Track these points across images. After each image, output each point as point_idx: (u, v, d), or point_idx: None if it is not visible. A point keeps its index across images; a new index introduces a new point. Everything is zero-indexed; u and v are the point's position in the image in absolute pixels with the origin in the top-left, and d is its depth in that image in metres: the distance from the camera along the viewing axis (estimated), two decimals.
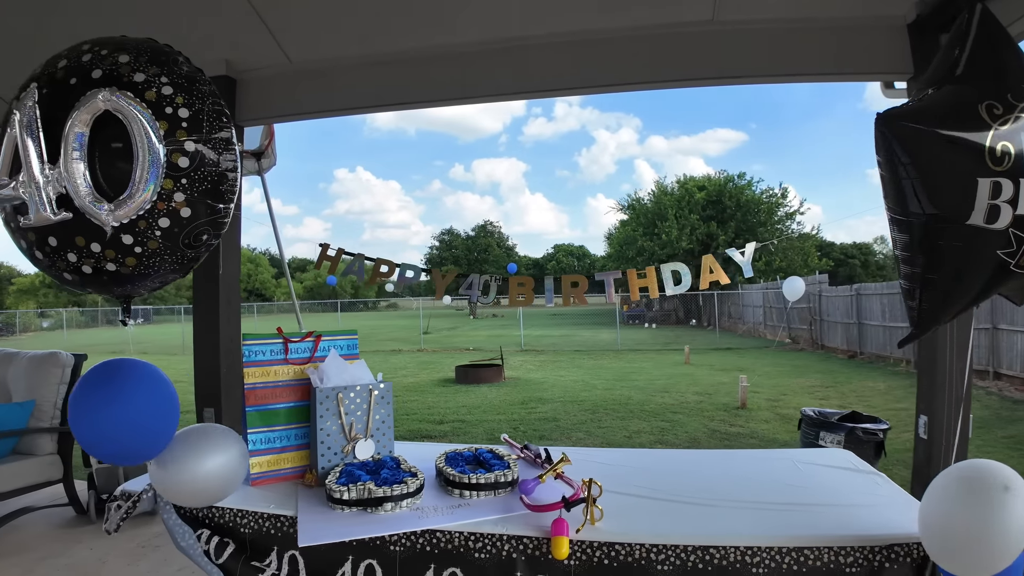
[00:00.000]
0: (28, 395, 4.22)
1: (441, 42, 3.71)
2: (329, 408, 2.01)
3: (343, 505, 1.77)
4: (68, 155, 1.51)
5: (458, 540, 1.70)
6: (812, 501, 1.89)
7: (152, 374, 1.80)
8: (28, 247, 1.65)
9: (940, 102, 1.57)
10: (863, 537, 1.64)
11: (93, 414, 1.66)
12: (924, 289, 1.63)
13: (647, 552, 1.62)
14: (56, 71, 1.59)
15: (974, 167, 1.49)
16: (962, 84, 1.56)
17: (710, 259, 3.04)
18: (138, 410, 1.70)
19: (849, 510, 1.82)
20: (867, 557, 1.62)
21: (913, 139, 1.53)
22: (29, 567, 3.55)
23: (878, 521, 1.71)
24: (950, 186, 1.52)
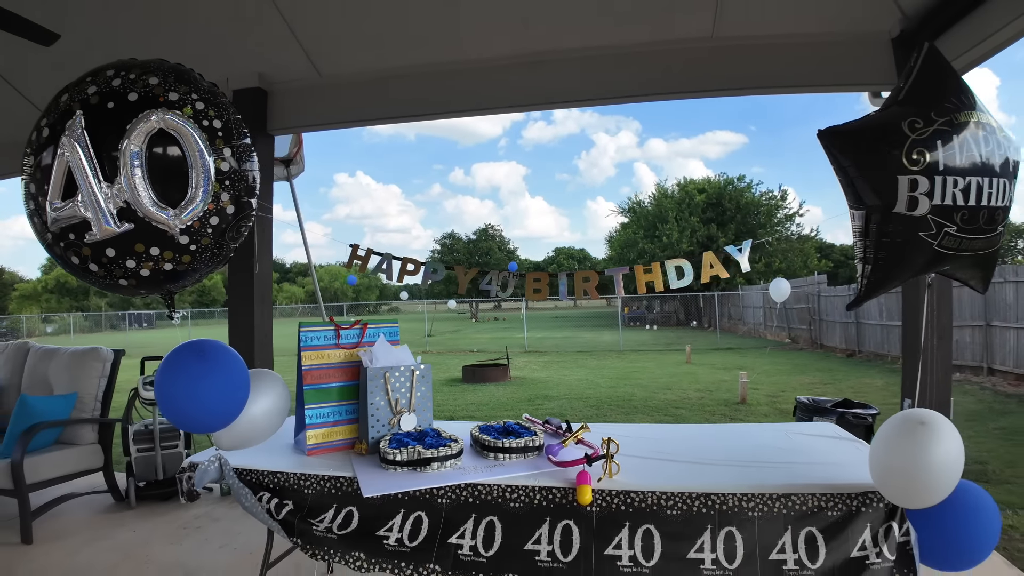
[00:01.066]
0: (70, 388, 4.49)
1: (463, 57, 4.02)
2: (378, 386, 2.30)
3: (396, 465, 2.06)
4: (129, 171, 1.75)
5: (496, 493, 1.99)
6: (800, 460, 2.18)
7: (231, 353, 2.09)
8: (81, 262, 1.86)
9: (873, 119, 1.96)
10: (843, 486, 1.93)
11: (188, 385, 1.94)
12: (870, 265, 2.00)
13: (658, 499, 1.91)
14: (90, 97, 1.80)
15: (895, 167, 1.86)
16: (900, 106, 1.92)
17: (710, 255, 3.32)
18: (224, 383, 1.99)
19: (832, 467, 2.11)
20: (845, 503, 1.91)
21: (848, 148, 1.93)
22: (76, 548, 3.81)
23: (856, 475, 2.00)
24: (878, 183, 1.90)
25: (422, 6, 3.73)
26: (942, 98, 1.90)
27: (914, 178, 1.84)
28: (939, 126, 1.85)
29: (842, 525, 1.90)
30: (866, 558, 1.83)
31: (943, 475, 1.72)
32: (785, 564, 1.82)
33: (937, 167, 1.83)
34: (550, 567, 1.88)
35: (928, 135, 1.84)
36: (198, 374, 1.94)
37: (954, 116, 1.86)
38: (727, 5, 3.57)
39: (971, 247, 1.94)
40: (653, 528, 1.89)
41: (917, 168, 1.83)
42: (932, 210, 1.86)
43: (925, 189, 1.84)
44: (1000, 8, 3.09)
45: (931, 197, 1.85)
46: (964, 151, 1.85)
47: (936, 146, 1.84)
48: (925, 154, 1.83)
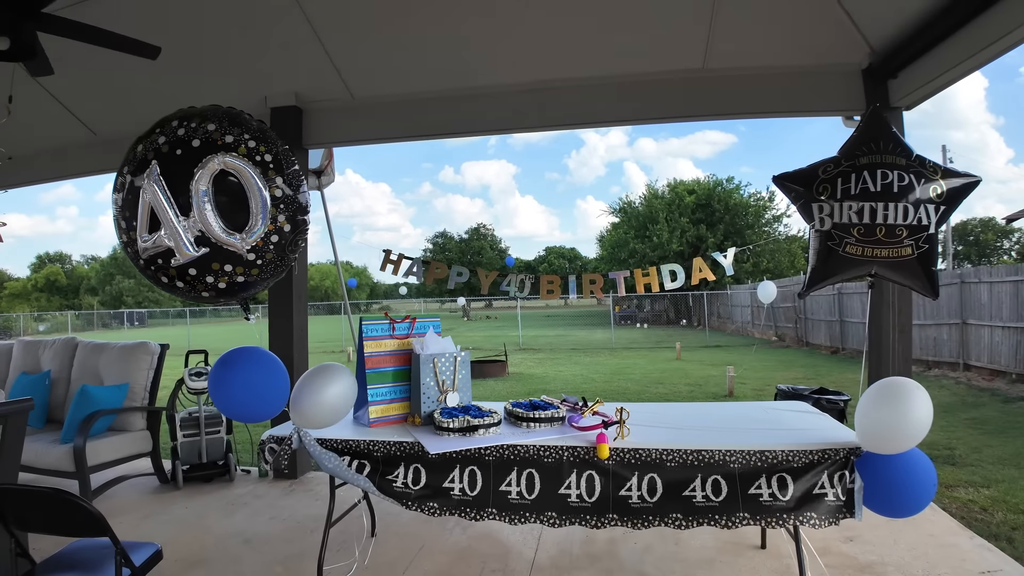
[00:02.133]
0: (121, 379, 4.95)
1: (479, 83, 4.53)
2: (428, 369, 2.81)
3: (449, 432, 2.58)
4: (200, 206, 2.23)
5: (532, 451, 2.52)
6: (774, 427, 2.72)
7: (267, 356, 2.62)
8: (169, 280, 2.33)
9: (807, 168, 2.78)
10: (807, 444, 2.46)
11: (235, 385, 2.47)
12: (807, 264, 2.79)
13: (660, 454, 2.44)
14: (160, 147, 2.25)
15: (810, 198, 2.68)
16: (836, 157, 2.71)
17: (699, 260, 3.85)
18: (264, 380, 2.53)
19: (800, 432, 2.65)
20: (808, 457, 2.44)
21: (783, 187, 2.81)
22: (136, 523, 4.25)
23: (819, 438, 2.53)
24: (804, 209, 2.72)
25: (443, 41, 4.24)
26: (858, 147, 2.68)
27: (820, 204, 2.66)
28: (844, 168, 2.66)
29: (806, 470, 2.43)
30: (824, 495, 2.37)
31: (919, 428, 2.26)
32: (761, 497, 2.36)
33: (836, 195, 2.64)
34: (579, 506, 2.42)
35: (832, 175, 2.66)
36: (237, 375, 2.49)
37: (857, 160, 2.61)
38: (716, 40, 4.08)
39: (877, 255, 2.65)
40: (656, 476, 2.42)
41: (824, 197, 2.65)
42: (833, 226, 2.66)
43: (828, 211, 2.65)
44: (955, 49, 3.60)
45: (832, 217, 2.65)
46: (858, 184, 2.61)
47: (837, 183, 2.64)
48: (828, 188, 2.66)
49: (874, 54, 4.18)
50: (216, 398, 2.56)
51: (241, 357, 2.57)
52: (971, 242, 50.01)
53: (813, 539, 3.28)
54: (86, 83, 4.80)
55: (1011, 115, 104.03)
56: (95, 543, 2.43)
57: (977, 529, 3.69)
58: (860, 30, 4.00)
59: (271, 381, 2.60)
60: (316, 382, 2.53)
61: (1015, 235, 47.77)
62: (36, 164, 5.95)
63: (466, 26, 4.12)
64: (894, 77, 4.20)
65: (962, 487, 4.74)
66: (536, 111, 4.52)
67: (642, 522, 2.39)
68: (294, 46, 4.36)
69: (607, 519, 2.40)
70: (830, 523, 2.36)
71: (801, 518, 2.35)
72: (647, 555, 3.28)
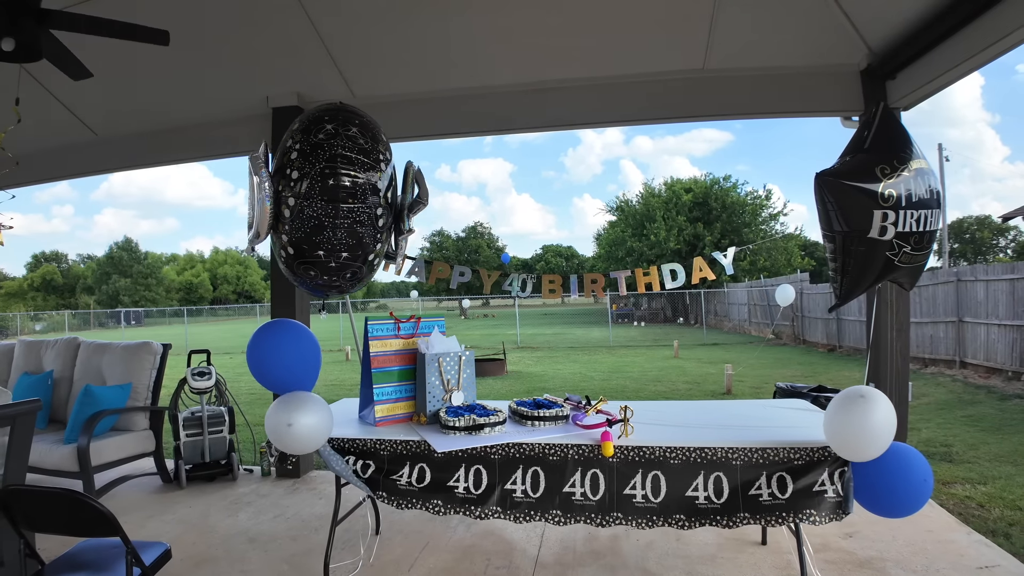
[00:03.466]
0: (123, 379, 4.96)
1: (479, 84, 4.55)
2: (434, 368, 2.84)
3: (455, 431, 2.61)
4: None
5: (537, 449, 2.55)
6: (776, 425, 2.75)
7: (304, 329, 2.66)
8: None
9: (853, 165, 2.50)
10: (807, 442, 2.49)
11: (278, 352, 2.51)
12: (843, 276, 2.52)
13: (664, 452, 2.47)
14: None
15: (870, 203, 2.42)
16: (868, 153, 2.47)
17: (699, 260, 3.88)
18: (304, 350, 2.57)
19: (800, 430, 2.68)
20: (808, 454, 2.47)
21: (836, 187, 2.49)
22: (142, 522, 4.27)
23: (819, 436, 2.56)
24: (857, 214, 2.46)
25: (444, 41, 4.26)
26: (899, 149, 2.50)
27: (885, 212, 2.44)
28: (902, 171, 2.44)
29: (806, 469, 2.47)
30: (825, 492, 2.41)
31: (882, 434, 2.28)
32: (761, 497, 2.39)
33: (900, 203, 2.43)
34: (583, 504, 2.45)
35: (894, 178, 2.44)
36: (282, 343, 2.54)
37: (908, 165, 2.46)
38: (716, 42, 4.12)
39: (914, 261, 2.56)
40: (660, 473, 2.46)
41: (888, 204, 2.43)
42: (896, 236, 2.47)
43: (892, 220, 2.44)
44: (952, 51, 3.64)
45: (896, 226, 2.45)
46: (916, 191, 2.45)
47: (900, 187, 2.44)
48: (893, 193, 2.43)
49: (873, 55, 4.21)
50: (252, 362, 2.61)
51: (283, 328, 2.62)
52: (967, 240, 50.16)
53: (812, 535, 3.32)
54: (87, 83, 4.80)
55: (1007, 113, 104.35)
56: (104, 543, 2.45)
57: (975, 525, 3.73)
58: (859, 31, 4.03)
59: (306, 359, 2.65)
60: (283, 414, 2.55)
61: (1011, 233, 47.94)
62: (36, 164, 5.96)
63: (468, 26, 4.14)
64: (893, 78, 4.23)
65: (959, 484, 4.78)
66: (537, 111, 4.55)
67: (646, 522, 2.42)
68: (296, 45, 4.38)
69: (612, 518, 2.44)
70: (831, 519, 2.40)
71: (802, 515, 2.39)
72: (649, 551, 3.32)
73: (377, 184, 2.42)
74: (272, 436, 2.51)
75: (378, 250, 2.50)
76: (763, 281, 22.91)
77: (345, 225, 2.33)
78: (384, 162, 2.49)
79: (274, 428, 2.48)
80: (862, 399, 2.28)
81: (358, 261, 2.42)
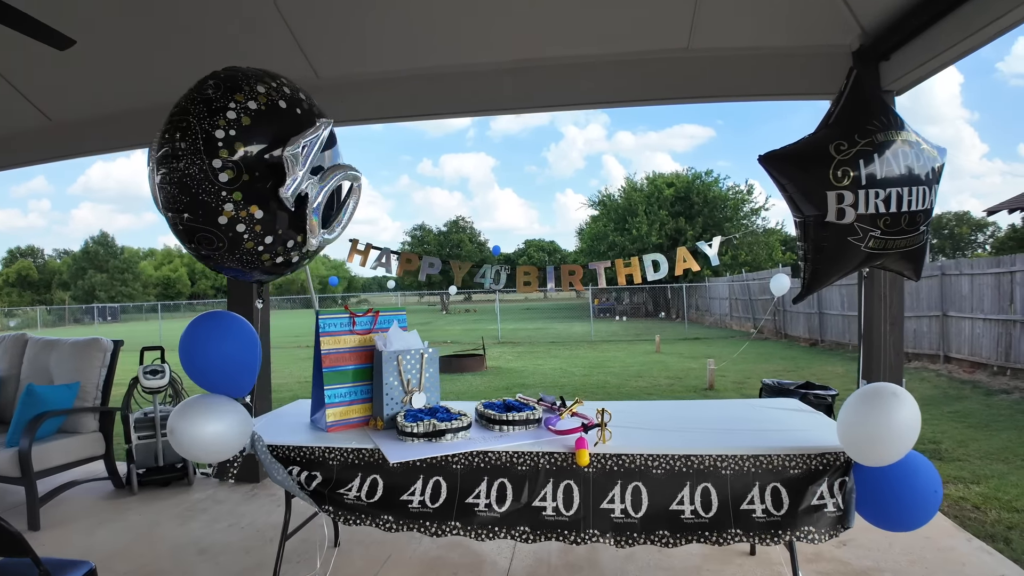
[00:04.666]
0: (71, 378, 4.64)
1: (454, 62, 4.27)
2: (392, 367, 2.57)
3: (413, 437, 2.34)
4: None
5: (504, 458, 2.28)
6: (768, 428, 2.51)
7: (242, 323, 2.38)
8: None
9: (806, 143, 2.31)
10: (804, 448, 2.25)
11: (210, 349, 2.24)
12: (807, 265, 2.36)
13: (645, 460, 2.21)
14: None
15: (820, 184, 2.22)
16: (829, 129, 2.26)
17: (683, 251, 3.63)
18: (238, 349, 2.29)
19: (795, 433, 2.44)
20: (806, 462, 2.23)
21: (785, 169, 2.30)
22: (90, 530, 3.97)
23: (815, 440, 2.33)
24: (812, 197, 2.26)
25: (413, 17, 3.97)
26: (864, 121, 2.25)
27: (840, 192, 2.20)
28: (862, 147, 2.21)
29: (804, 480, 2.23)
30: (824, 506, 2.17)
31: (907, 436, 2.04)
32: (754, 513, 2.15)
33: (860, 181, 2.19)
34: (555, 520, 2.18)
35: (852, 155, 2.20)
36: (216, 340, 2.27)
37: (875, 136, 2.21)
38: (701, 20, 3.87)
39: (896, 246, 2.30)
40: (641, 485, 2.20)
41: (843, 184, 2.19)
42: (858, 219, 2.22)
43: (850, 201, 2.20)
44: (948, 31, 3.42)
45: (856, 208, 2.21)
46: (884, 167, 2.20)
47: (859, 164, 2.19)
48: (849, 172, 2.19)
49: (865, 35, 3.99)
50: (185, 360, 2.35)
51: (216, 322, 2.34)
52: (945, 235, 50.63)
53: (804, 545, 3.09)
54: (40, 64, 4.47)
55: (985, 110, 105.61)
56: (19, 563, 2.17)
57: (973, 529, 3.54)
58: (851, 9, 3.80)
59: (243, 356, 2.38)
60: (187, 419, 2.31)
61: (989, 229, 48.43)
62: None
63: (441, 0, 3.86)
64: (886, 59, 4.01)
65: (952, 483, 4.60)
66: (515, 92, 4.27)
67: (626, 539, 2.16)
68: (253, 22, 4.08)
69: (587, 535, 2.17)
70: (830, 535, 2.15)
71: (799, 533, 2.14)
72: (629, 564, 3.08)
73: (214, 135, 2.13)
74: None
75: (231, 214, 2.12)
76: (745, 275, 22.81)
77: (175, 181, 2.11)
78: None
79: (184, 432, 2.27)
80: (894, 397, 2.04)
81: (208, 225, 2.10)
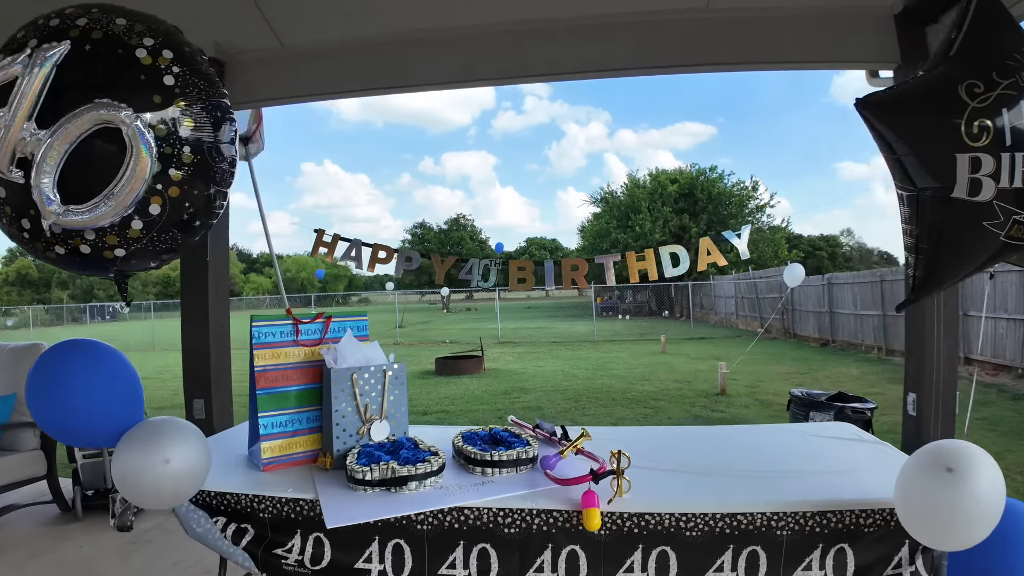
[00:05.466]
0: (8, 388, 4.09)
1: (438, 24, 3.69)
2: (344, 389, 1.99)
3: (365, 486, 1.75)
4: None
5: (486, 516, 1.69)
6: (829, 469, 1.93)
7: (112, 354, 1.79)
8: None
9: (919, 85, 1.64)
10: (881, 500, 1.67)
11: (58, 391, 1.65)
12: (918, 257, 1.68)
13: (676, 520, 1.63)
14: None
15: (950, 143, 1.54)
16: (952, 65, 1.60)
17: (707, 241, 3.07)
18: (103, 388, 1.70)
19: (863, 475, 1.86)
20: (885, 519, 1.66)
21: (892, 121, 1.60)
22: (19, 564, 3.46)
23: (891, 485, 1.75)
24: (932, 162, 1.58)
25: None
26: (1002, 53, 1.61)
27: (976, 156, 1.52)
28: (1003, 89, 1.53)
29: (878, 541, 1.66)
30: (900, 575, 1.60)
31: (980, 522, 1.45)
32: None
33: (1002, 141, 1.52)
34: None
35: (990, 103, 1.52)
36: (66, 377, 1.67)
37: (1020, 76, 1.57)
38: None
39: None
40: (669, 550, 1.63)
41: (981, 143, 1.52)
42: (998, 194, 1.55)
43: (989, 169, 1.53)
44: None
45: (997, 179, 1.53)
46: None
47: (1001, 116, 1.52)
48: (989, 127, 1.52)
49: None
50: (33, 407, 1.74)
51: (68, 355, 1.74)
52: None
53: None
54: None
55: None
56: None
57: None
58: None
59: (110, 392, 1.77)
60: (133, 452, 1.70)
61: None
62: None
63: None
64: (935, 21, 3.43)
65: None
66: (509, 57, 3.70)
67: None
68: None
69: None
70: None
71: None
72: None
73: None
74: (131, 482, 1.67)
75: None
76: (751, 273, 22.22)
77: None
78: None
79: (136, 471, 1.64)
80: (949, 475, 1.43)
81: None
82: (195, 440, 1.74)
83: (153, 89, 1.62)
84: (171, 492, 1.70)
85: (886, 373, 10.82)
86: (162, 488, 1.67)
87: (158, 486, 1.66)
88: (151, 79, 1.62)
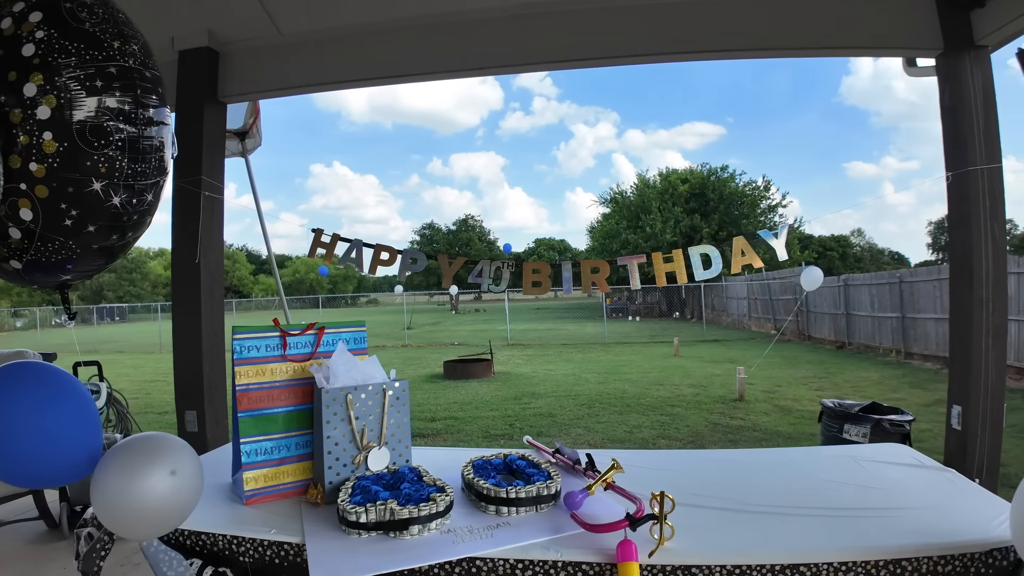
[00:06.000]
0: None
1: (441, 10, 3.44)
2: (337, 412, 1.74)
3: (360, 529, 1.50)
4: None
5: (503, 568, 1.43)
6: (896, 504, 1.67)
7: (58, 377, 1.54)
8: None
9: None
10: (961, 544, 1.43)
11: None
12: None
13: (729, 574, 1.37)
14: None
15: None
16: None
17: (742, 241, 2.81)
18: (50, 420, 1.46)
19: (937, 512, 1.61)
20: (965, 565, 1.40)
21: None
22: None
23: (970, 524, 1.50)
24: None
25: None
26: None
27: None
28: None
29: None
30: None
31: None
32: None
33: None
34: None
35: None
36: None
37: None
38: None
39: None
40: None
41: None
42: None
43: None
44: None
45: None
46: None
47: None
48: None
49: None
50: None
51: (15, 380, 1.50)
52: None
53: None
54: None
55: None
56: None
57: None
58: None
59: (65, 423, 1.52)
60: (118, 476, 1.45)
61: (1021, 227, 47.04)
62: None
63: None
64: (981, 5, 3.16)
65: None
66: (519, 45, 3.44)
67: None
68: None
69: None
70: None
71: None
72: None
73: None
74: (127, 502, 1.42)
75: None
76: (764, 274, 21.87)
77: None
78: None
79: (134, 488, 1.40)
80: None
81: None
82: (190, 454, 1.52)
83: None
84: (177, 509, 1.47)
85: (907, 377, 10.49)
86: (167, 505, 1.43)
87: (163, 502, 1.42)
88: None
